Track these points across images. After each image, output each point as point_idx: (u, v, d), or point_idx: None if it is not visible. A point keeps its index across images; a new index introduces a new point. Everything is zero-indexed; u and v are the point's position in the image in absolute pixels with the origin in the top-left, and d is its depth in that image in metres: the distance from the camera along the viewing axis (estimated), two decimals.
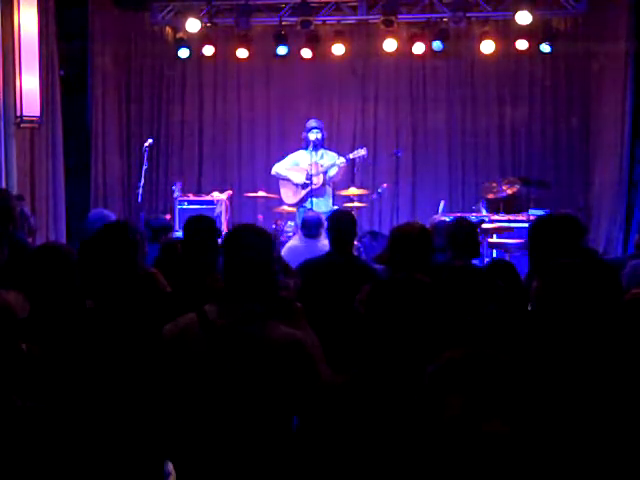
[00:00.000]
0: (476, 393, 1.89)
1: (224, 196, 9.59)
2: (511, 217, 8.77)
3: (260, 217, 9.59)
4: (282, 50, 9.88)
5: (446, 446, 1.87)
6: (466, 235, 4.57)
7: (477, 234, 4.76)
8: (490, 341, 2.73)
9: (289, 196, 8.94)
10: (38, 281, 3.07)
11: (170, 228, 6.30)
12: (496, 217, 8.71)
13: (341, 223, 4.71)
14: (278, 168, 9.07)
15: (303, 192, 8.78)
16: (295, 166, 8.92)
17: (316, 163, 8.72)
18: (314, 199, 8.66)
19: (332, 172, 8.75)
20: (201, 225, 4.22)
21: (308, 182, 8.66)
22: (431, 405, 1.92)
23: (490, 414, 1.85)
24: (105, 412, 2.85)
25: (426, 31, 9.78)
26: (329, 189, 8.88)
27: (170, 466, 3.14)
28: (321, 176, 8.71)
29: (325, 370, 2.77)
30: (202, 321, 2.69)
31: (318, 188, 8.72)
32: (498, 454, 1.81)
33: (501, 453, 1.82)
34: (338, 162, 8.72)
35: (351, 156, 8.82)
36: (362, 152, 8.81)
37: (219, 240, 4.16)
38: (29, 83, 7.75)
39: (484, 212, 9.06)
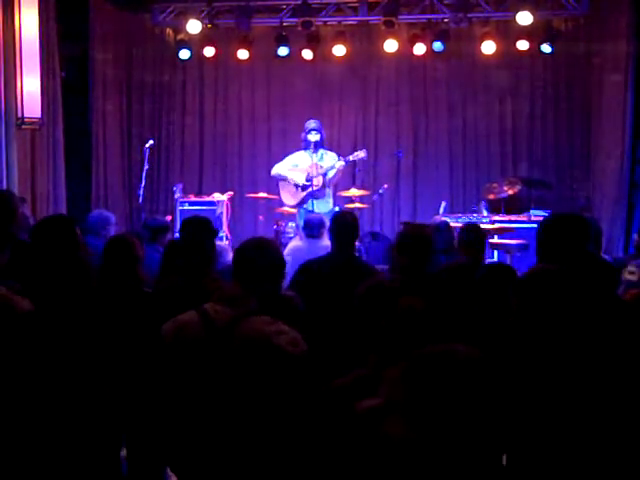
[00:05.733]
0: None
1: (225, 197, 9.57)
2: (512, 217, 8.75)
3: (261, 218, 9.58)
4: (283, 51, 9.88)
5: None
6: (480, 240, 5.13)
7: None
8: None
9: (288, 198, 8.89)
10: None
11: (168, 228, 6.28)
12: (497, 218, 8.69)
13: (343, 224, 4.72)
14: (278, 169, 9.02)
15: (303, 193, 8.74)
16: (295, 167, 8.88)
17: (316, 164, 8.69)
18: (314, 201, 8.64)
19: (331, 174, 8.69)
20: (197, 225, 4.21)
21: (308, 183, 8.64)
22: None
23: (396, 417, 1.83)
24: (105, 410, 2.83)
25: (427, 32, 9.78)
26: (329, 191, 8.82)
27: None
28: (320, 178, 8.66)
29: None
30: (204, 320, 2.67)
31: (318, 190, 8.66)
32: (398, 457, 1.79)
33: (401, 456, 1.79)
34: (337, 165, 8.65)
35: (351, 158, 8.76)
36: (362, 154, 8.76)
37: (216, 240, 4.17)
38: (30, 85, 7.74)
39: (485, 213, 9.05)
